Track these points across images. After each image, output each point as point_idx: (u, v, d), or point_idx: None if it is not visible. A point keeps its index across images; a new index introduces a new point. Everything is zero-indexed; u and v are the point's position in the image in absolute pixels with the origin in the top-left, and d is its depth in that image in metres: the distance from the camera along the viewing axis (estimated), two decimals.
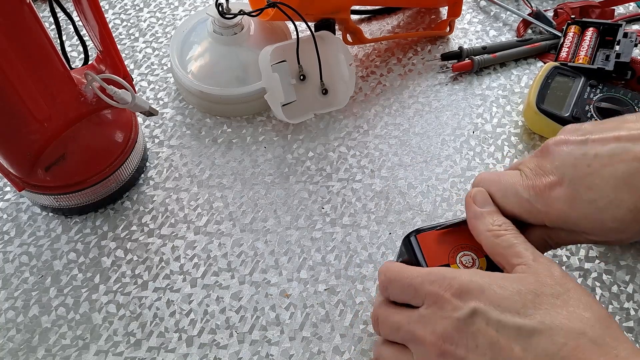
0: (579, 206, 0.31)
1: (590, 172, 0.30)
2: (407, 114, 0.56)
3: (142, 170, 0.52)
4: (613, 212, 0.30)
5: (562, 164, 0.32)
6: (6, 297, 0.45)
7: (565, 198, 0.31)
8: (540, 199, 0.32)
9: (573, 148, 0.32)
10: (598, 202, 0.30)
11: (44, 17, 0.63)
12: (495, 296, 0.30)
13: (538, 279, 0.30)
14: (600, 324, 0.28)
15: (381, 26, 0.64)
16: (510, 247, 0.32)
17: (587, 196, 0.30)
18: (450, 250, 0.36)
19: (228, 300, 0.45)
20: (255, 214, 0.49)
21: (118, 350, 0.42)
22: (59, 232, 0.48)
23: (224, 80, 0.54)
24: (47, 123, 0.42)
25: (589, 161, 0.31)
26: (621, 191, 0.30)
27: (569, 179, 0.31)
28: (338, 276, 0.46)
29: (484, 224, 0.34)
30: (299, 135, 0.55)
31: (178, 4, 0.66)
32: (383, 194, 0.50)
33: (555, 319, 0.28)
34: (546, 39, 0.61)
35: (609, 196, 0.30)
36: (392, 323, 0.34)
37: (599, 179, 0.30)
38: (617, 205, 0.30)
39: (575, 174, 0.31)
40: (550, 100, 0.53)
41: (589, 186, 0.30)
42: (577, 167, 0.31)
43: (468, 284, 0.31)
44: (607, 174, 0.30)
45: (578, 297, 0.30)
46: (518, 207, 0.34)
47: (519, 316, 0.29)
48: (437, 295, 0.31)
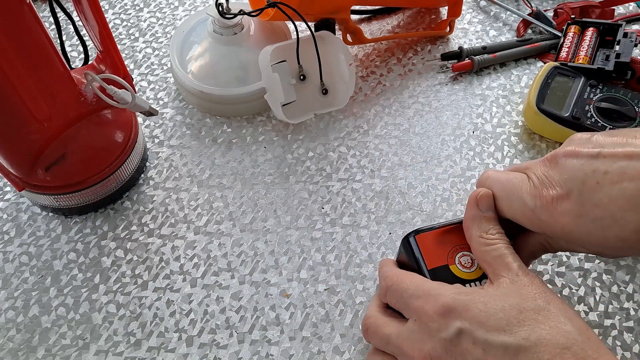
0: (584, 223, 0.30)
1: (598, 189, 0.30)
2: (407, 114, 0.56)
3: (142, 170, 0.52)
4: (618, 231, 0.30)
5: (571, 177, 0.31)
6: (6, 297, 0.45)
7: (571, 213, 0.31)
8: (545, 211, 0.32)
9: (584, 162, 0.31)
10: (604, 220, 0.30)
11: (44, 17, 0.63)
12: (479, 315, 0.30)
13: (521, 294, 0.31)
14: (582, 336, 0.29)
15: (381, 26, 0.64)
16: (499, 257, 0.33)
17: (593, 213, 0.30)
18: (449, 251, 0.36)
19: (228, 300, 0.45)
20: (255, 214, 0.49)
21: (118, 350, 0.42)
22: (59, 232, 0.48)
23: (224, 80, 0.54)
24: (47, 123, 0.42)
25: (598, 178, 0.30)
26: (628, 211, 0.29)
27: (577, 194, 0.31)
28: (338, 276, 0.46)
29: (479, 228, 0.34)
30: (299, 135, 0.55)
31: (178, 4, 0.66)
32: (383, 194, 0.50)
33: (539, 335, 0.29)
34: (546, 39, 0.61)
35: (615, 215, 0.29)
36: (381, 335, 0.35)
37: (607, 197, 0.30)
38: (622, 225, 0.29)
39: (583, 189, 0.30)
40: (550, 100, 0.53)
41: (596, 203, 0.30)
42: (585, 182, 0.30)
43: (452, 302, 0.31)
44: (616, 193, 0.29)
45: (559, 311, 0.30)
46: (521, 213, 0.34)
47: (504, 334, 0.29)
48: (423, 312, 0.32)
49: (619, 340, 0.42)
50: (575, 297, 0.45)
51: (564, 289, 0.45)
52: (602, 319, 0.43)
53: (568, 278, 0.45)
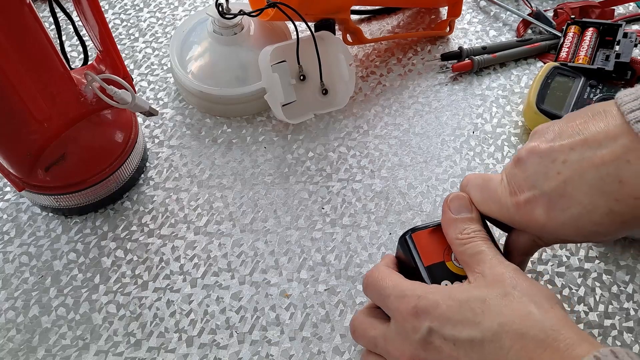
0: (555, 216, 0.31)
1: (561, 180, 0.30)
2: (407, 114, 0.56)
3: (142, 171, 0.52)
4: (589, 217, 0.30)
5: (534, 173, 0.32)
6: (6, 297, 0.45)
7: (541, 208, 0.31)
8: (518, 213, 0.33)
9: (543, 156, 0.32)
10: (572, 209, 0.30)
11: (44, 17, 0.63)
12: (447, 311, 0.31)
13: (487, 284, 0.31)
14: (544, 314, 0.29)
15: (381, 26, 0.64)
16: (475, 254, 0.33)
17: (560, 204, 0.31)
18: (445, 248, 0.36)
19: (228, 300, 0.45)
20: (255, 214, 0.49)
21: (118, 351, 0.42)
22: (59, 232, 0.48)
23: (224, 80, 0.54)
24: (47, 123, 0.42)
25: (559, 168, 0.31)
26: (594, 197, 0.29)
27: (541, 190, 0.31)
28: (338, 276, 0.46)
29: (454, 230, 0.35)
30: (299, 135, 0.55)
31: (178, 4, 0.66)
32: (383, 194, 0.50)
33: (499, 322, 0.29)
34: (546, 39, 0.61)
35: (583, 202, 0.30)
36: (369, 338, 0.36)
37: (570, 186, 0.30)
38: (591, 211, 0.30)
39: (547, 183, 0.31)
40: (550, 100, 0.53)
41: (561, 194, 0.30)
42: (547, 175, 0.31)
43: (423, 301, 0.32)
44: (578, 181, 0.30)
45: (523, 294, 0.30)
46: (500, 215, 0.34)
47: (470, 327, 0.30)
48: (398, 312, 0.33)
49: (619, 340, 0.43)
50: (575, 297, 0.45)
51: (564, 289, 0.45)
52: (602, 319, 0.43)
53: (568, 278, 0.46)
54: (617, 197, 0.29)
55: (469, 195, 0.37)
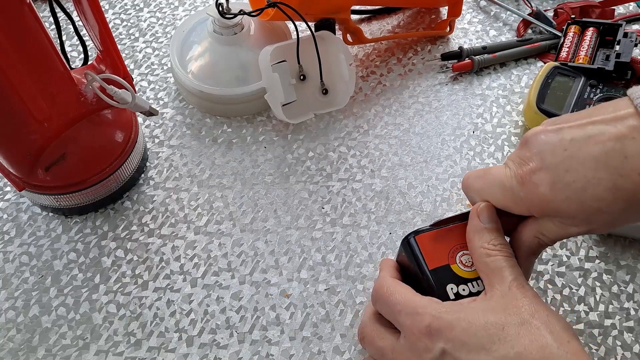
0: (559, 189, 0.31)
1: (567, 155, 0.31)
2: (407, 114, 0.56)
3: (142, 170, 0.52)
4: (593, 191, 0.30)
5: (540, 150, 0.32)
6: (6, 297, 0.45)
7: (546, 182, 0.32)
8: (522, 187, 0.33)
9: (550, 135, 0.32)
10: (577, 183, 0.31)
11: (44, 17, 0.63)
12: (462, 334, 0.31)
13: (507, 307, 0.31)
14: (560, 349, 0.29)
15: (381, 26, 0.64)
16: (498, 270, 0.33)
17: (566, 178, 0.31)
18: (450, 250, 0.36)
19: (228, 300, 0.45)
20: (255, 214, 0.49)
21: (118, 350, 0.42)
22: (59, 232, 0.48)
23: (224, 80, 0.54)
24: (47, 123, 0.42)
25: (565, 145, 0.31)
26: (599, 171, 0.30)
27: (548, 164, 0.32)
28: (338, 276, 0.46)
29: (480, 239, 0.35)
30: (299, 135, 0.55)
31: (178, 4, 0.66)
32: (383, 193, 0.50)
33: (517, 351, 0.29)
34: (546, 38, 0.61)
35: (587, 176, 0.30)
36: (377, 348, 0.36)
37: (576, 161, 0.31)
38: (595, 184, 0.30)
39: (553, 159, 0.32)
40: (550, 100, 0.53)
41: (566, 169, 0.31)
42: (554, 152, 0.32)
43: (437, 322, 0.32)
44: (584, 156, 0.30)
45: (542, 323, 0.30)
46: (503, 197, 0.34)
47: (485, 353, 0.30)
48: (410, 330, 0.33)
49: (619, 340, 0.43)
50: (575, 297, 0.45)
51: (564, 289, 0.45)
52: (602, 318, 0.43)
53: (568, 278, 0.46)
54: (621, 172, 0.29)
55: (471, 186, 0.37)
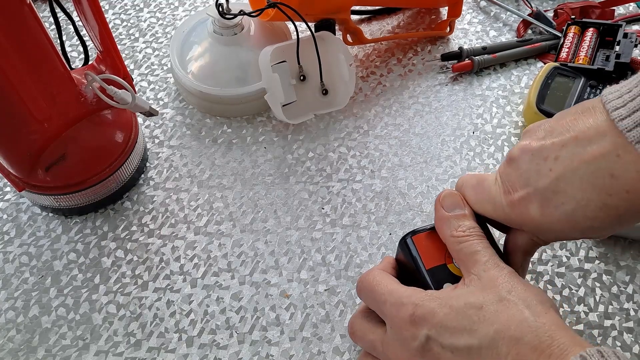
0: (550, 212, 0.31)
1: (554, 177, 0.31)
2: (407, 115, 0.56)
3: (142, 171, 0.52)
4: (583, 212, 0.30)
5: (526, 171, 0.32)
6: (6, 297, 0.45)
7: (536, 206, 0.32)
8: (513, 212, 0.33)
9: (534, 154, 0.32)
10: (566, 205, 0.30)
11: (44, 17, 0.63)
12: (445, 318, 0.31)
13: (484, 288, 0.31)
14: (538, 321, 0.29)
15: (381, 26, 0.64)
16: (471, 254, 0.33)
17: (555, 201, 0.31)
18: (446, 250, 0.36)
19: (228, 300, 0.45)
20: (255, 215, 0.49)
21: (118, 351, 0.42)
22: (59, 232, 0.48)
23: (224, 81, 0.54)
24: (47, 123, 0.42)
25: (550, 165, 0.31)
26: (586, 192, 0.30)
27: (535, 187, 0.31)
28: (338, 277, 0.46)
29: (449, 228, 0.35)
30: (299, 135, 0.55)
31: (178, 4, 0.66)
32: (383, 194, 0.50)
33: (496, 328, 0.29)
34: (546, 39, 0.61)
35: (576, 197, 0.30)
36: (367, 342, 0.36)
37: (563, 182, 0.30)
38: (585, 205, 0.30)
39: (540, 181, 0.31)
40: (550, 100, 0.53)
41: (554, 191, 0.31)
42: (540, 173, 0.31)
43: (420, 310, 0.32)
44: (570, 176, 0.30)
45: (519, 298, 0.30)
46: (495, 214, 0.35)
47: (467, 334, 0.30)
48: (396, 319, 0.33)
49: (618, 341, 0.43)
50: (575, 298, 0.45)
51: (564, 290, 0.45)
52: (602, 319, 0.43)
53: (568, 278, 0.46)
54: (609, 191, 0.29)
55: (464, 195, 0.37)
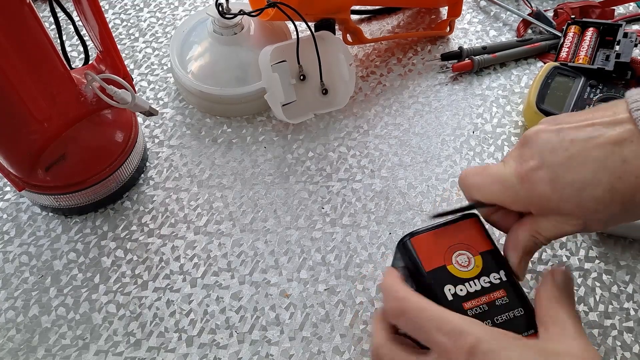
0: (559, 187, 0.32)
1: (568, 155, 0.31)
2: (407, 114, 0.56)
3: (142, 170, 0.52)
4: (591, 192, 0.31)
5: (541, 149, 0.33)
6: (6, 297, 0.45)
7: (546, 180, 0.32)
8: (523, 184, 0.33)
9: (551, 134, 0.33)
10: (576, 183, 0.31)
11: (44, 17, 0.63)
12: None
13: (559, 355, 0.30)
14: None
15: (381, 26, 0.64)
16: (550, 309, 0.32)
17: (566, 178, 0.31)
18: (445, 251, 0.36)
19: (228, 300, 0.45)
20: (255, 214, 0.49)
21: (118, 350, 0.42)
22: (59, 232, 0.48)
23: (224, 80, 0.54)
24: (47, 123, 0.42)
25: (566, 146, 0.32)
26: (598, 172, 0.31)
27: (548, 163, 0.32)
28: (338, 276, 0.46)
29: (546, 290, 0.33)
30: (299, 135, 0.55)
31: (178, 4, 0.66)
32: (383, 194, 0.50)
33: None
34: (546, 39, 0.61)
35: (587, 177, 0.31)
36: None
37: (576, 161, 0.31)
38: (594, 185, 0.31)
39: (554, 158, 0.32)
40: (550, 100, 0.53)
41: (567, 169, 0.31)
42: (555, 151, 0.32)
43: (483, 345, 0.30)
44: (584, 157, 0.31)
45: None
46: (502, 194, 0.35)
47: None
48: (449, 350, 0.31)
49: (618, 341, 0.42)
50: (575, 297, 0.45)
51: None
52: (602, 319, 0.43)
53: None
54: (619, 174, 0.30)
55: (469, 183, 0.37)
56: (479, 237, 0.37)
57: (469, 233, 0.37)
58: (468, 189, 0.37)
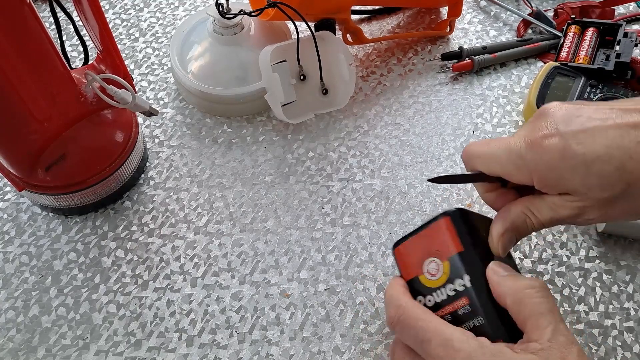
0: (568, 156, 0.32)
1: (583, 129, 0.32)
2: (407, 114, 0.56)
3: (142, 170, 0.52)
4: (600, 167, 0.31)
5: (557, 120, 0.33)
6: (6, 297, 0.45)
7: (557, 149, 0.32)
8: (531, 150, 0.33)
9: (568, 109, 0.33)
10: (587, 155, 0.31)
11: (44, 17, 0.63)
12: None
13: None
14: None
15: (381, 26, 0.64)
16: (533, 317, 0.31)
17: (578, 149, 0.31)
18: (419, 259, 0.35)
19: (228, 300, 0.45)
20: (255, 214, 0.49)
21: (118, 350, 0.42)
22: (59, 232, 0.48)
23: (224, 80, 0.54)
24: (47, 123, 0.42)
25: (583, 121, 0.32)
26: (611, 148, 0.31)
27: (562, 133, 0.32)
28: (338, 276, 0.46)
29: (510, 286, 0.32)
30: (299, 135, 0.55)
31: (178, 4, 0.66)
32: (383, 193, 0.50)
33: None
34: (546, 39, 0.61)
35: (599, 152, 0.31)
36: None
37: (591, 136, 0.31)
38: (605, 161, 0.31)
39: (568, 128, 0.32)
40: (550, 100, 0.53)
41: (580, 141, 0.31)
42: (571, 123, 0.32)
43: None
44: (599, 133, 0.31)
45: None
46: (507, 160, 0.34)
47: None
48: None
49: (619, 340, 0.42)
50: (575, 297, 0.45)
51: (564, 289, 0.45)
52: (602, 319, 0.43)
53: (568, 278, 0.46)
54: (632, 154, 0.30)
55: (474, 153, 0.36)
56: (450, 239, 0.34)
57: (441, 236, 0.35)
58: (471, 158, 0.36)
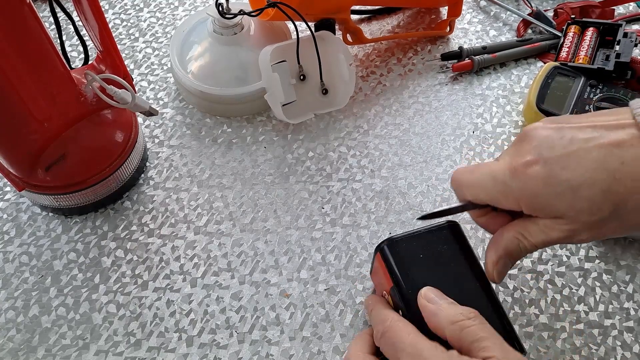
0: (553, 184, 0.31)
1: (566, 153, 0.31)
2: (407, 114, 0.56)
3: (142, 170, 0.52)
4: (586, 191, 0.31)
5: (539, 144, 0.32)
6: (6, 297, 0.45)
7: (541, 176, 0.32)
8: (516, 178, 0.33)
9: (550, 132, 0.33)
10: (572, 181, 0.31)
11: (44, 17, 0.63)
12: None
13: None
14: None
15: (381, 26, 0.64)
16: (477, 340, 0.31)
17: (562, 175, 0.31)
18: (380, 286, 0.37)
19: (228, 300, 0.45)
20: (255, 214, 0.49)
21: (118, 350, 0.42)
22: (59, 232, 0.48)
23: (224, 80, 0.54)
24: (47, 123, 0.42)
25: (565, 143, 0.32)
26: (596, 172, 0.30)
27: (545, 159, 0.32)
28: (338, 276, 0.46)
29: (446, 317, 0.33)
30: (299, 135, 0.55)
31: (178, 4, 0.66)
32: (383, 193, 0.50)
33: None
34: (546, 39, 0.61)
35: (584, 176, 0.31)
36: None
37: (574, 160, 0.31)
38: (590, 184, 0.31)
39: (551, 154, 0.32)
40: (550, 100, 0.53)
41: (564, 166, 0.31)
42: (553, 148, 0.32)
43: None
44: (583, 156, 0.31)
45: None
46: (493, 188, 0.34)
47: None
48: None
49: (619, 340, 0.43)
50: (575, 297, 0.45)
51: (564, 289, 0.45)
52: (602, 318, 0.43)
53: (568, 278, 0.46)
54: (617, 175, 0.30)
55: (461, 180, 0.36)
56: (383, 275, 0.37)
57: (380, 270, 0.37)
58: (459, 188, 0.37)
